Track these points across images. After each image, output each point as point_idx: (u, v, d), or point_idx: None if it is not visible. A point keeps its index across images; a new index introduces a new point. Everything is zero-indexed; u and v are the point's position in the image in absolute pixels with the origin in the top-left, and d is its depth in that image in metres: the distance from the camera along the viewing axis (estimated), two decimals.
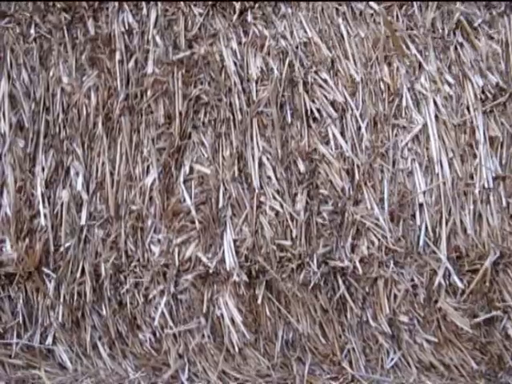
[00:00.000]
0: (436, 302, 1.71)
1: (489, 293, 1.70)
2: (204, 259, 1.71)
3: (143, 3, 1.80)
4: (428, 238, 1.68)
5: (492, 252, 1.68)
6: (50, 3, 1.83)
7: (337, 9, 1.78)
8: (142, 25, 1.80)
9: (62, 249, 1.77)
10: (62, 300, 1.77)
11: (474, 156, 1.71)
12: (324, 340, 1.73)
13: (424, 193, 1.70)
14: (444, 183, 1.70)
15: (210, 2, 1.79)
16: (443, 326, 1.72)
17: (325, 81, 1.74)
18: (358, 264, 1.69)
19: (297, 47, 1.76)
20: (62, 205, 1.78)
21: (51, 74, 1.83)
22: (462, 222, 1.70)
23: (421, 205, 1.70)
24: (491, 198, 1.71)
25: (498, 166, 1.71)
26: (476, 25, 1.76)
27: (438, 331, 1.73)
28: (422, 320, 1.72)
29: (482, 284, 1.69)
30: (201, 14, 1.79)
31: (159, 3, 1.80)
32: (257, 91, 1.74)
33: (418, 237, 1.69)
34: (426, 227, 1.69)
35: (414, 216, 1.71)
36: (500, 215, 1.70)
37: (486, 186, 1.70)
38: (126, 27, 1.79)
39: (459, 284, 1.68)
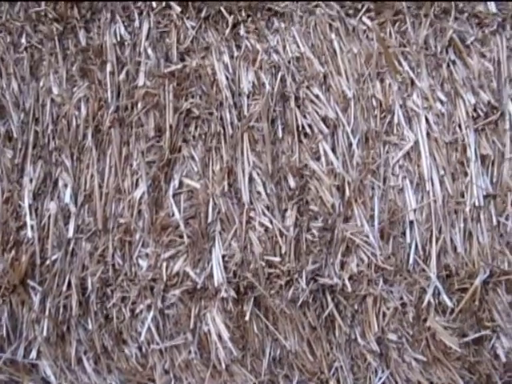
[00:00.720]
0: (425, 320, 1.74)
1: (478, 312, 1.72)
2: (192, 274, 1.73)
3: (136, 15, 1.82)
4: (418, 255, 1.71)
5: (482, 271, 1.71)
6: (42, 13, 1.84)
7: (330, 24, 1.81)
8: (134, 37, 1.83)
9: (48, 261, 1.79)
10: (47, 313, 1.78)
11: (465, 174, 1.75)
12: (312, 357, 1.75)
13: (414, 210, 1.73)
14: (435, 201, 1.73)
15: (203, 15, 1.81)
16: (432, 344, 1.74)
17: (317, 96, 1.76)
18: (347, 281, 1.70)
19: (289, 62, 1.79)
20: (49, 217, 1.79)
21: (41, 84, 1.85)
22: (452, 240, 1.72)
23: (411, 222, 1.73)
24: (482, 217, 1.73)
25: (488, 185, 1.74)
26: (468, 43, 1.80)
27: (426, 350, 1.75)
28: (410, 338, 1.74)
29: (472, 303, 1.71)
30: (193, 27, 1.82)
31: (152, 15, 1.82)
32: (248, 106, 1.78)
33: (407, 255, 1.72)
34: (416, 245, 1.72)
35: (404, 233, 1.74)
36: (490, 234, 1.73)
37: (477, 204, 1.73)
38: (118, 39, 1.82)
39: (448, 303, 1.70)
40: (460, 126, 1.78)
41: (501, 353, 1.77)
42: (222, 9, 1.83)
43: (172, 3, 1.85)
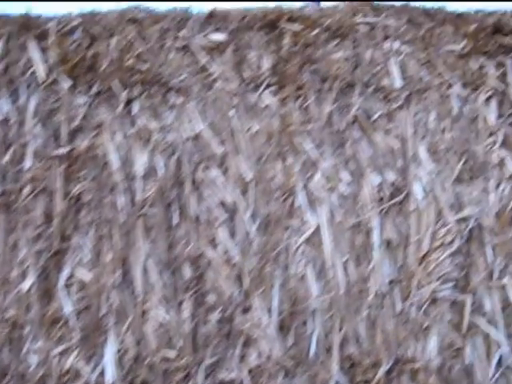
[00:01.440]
0: None
1: None
2: (84, 371, 1.66)
3: (22, 89, 1.73)
4: (319, 346, 1.67)
5: (385, 360, 1.67)
6: None
7: (229, 100, 1.74)
8: (20, 114, 1.73)
9: None
10: None
11: (369, 259, 1.70)
12: None
13: (316, 298, 1.68)
14: (337, 288, 1.68)
15: (95, 91, 1.72)
16: None
17: (214, 179, 1.70)
18: (246, 375, 1.65)
19: (185, 141, 1.72)
20: None
21: None
22: (355, 328, 1.69)
23: (313, 311, 1.69)
24: (386, 303, 1.70)
25: (393, 269, 1.70)
26: (374, 119, 1.76)
27: None
28: None
29: None
30: (85, 104, 1.73)
31: (39, 90, 1.73)
32: (142, 190, 1.70)
33: (308, 345, 1.68)
34: (318, 335, 1.67)
35: (305, 323, 1.69)
36: (395, 320, 1.69)
37: (381, 290, 1.69)
38: (3, 116, 1.72)
39: None
40: (364, 208, 1.76)
41: None
42: (115, 84, 1.77)
43: (61, 77, 1.77)
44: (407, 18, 1.90)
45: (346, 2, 1.88)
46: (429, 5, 1.94)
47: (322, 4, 1.95)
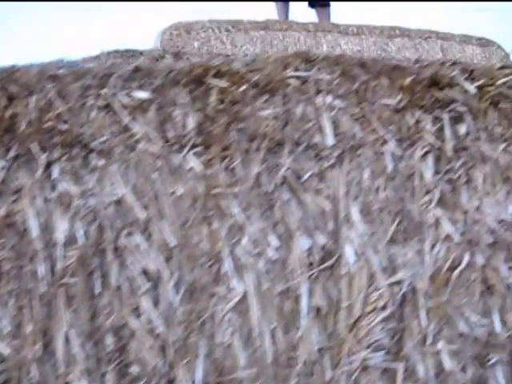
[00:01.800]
0: None
1: None
2: None
3: None
4: None
5: None
6: None
7: (152, 162, 1.68)
8: None
9: None
10: None
11: (298, 326, 1.67)
12: None
13: (244, 368, 1.65)
14: (265, 357, 1.65)
15: (12, 154, 1.67)
16: None
17: (137, 245, 1.66)
18: None
19: (107, 206, 1.68)
20: None
21: None
22: None
23: (240, 382, 1.66)
24: (315, 371, 1.67)
25: (322, 337, 1.67)
26: (304, 179, 1.71)
27: None
28: None
29: None
30: (2, 168, 1.68)
31: None
32: (63, 258, 1.66)
33: None
34: None
35: None
36: None
37: (310, 358, 1.66)
38: None
39: None
40: (293, 274, 1.72)
41: None
42: (34, 146, 1.71)
43: None
44: (341, 70, 1.85)
45: (278, 54, 1.83)
46: None
47: None
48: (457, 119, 1.87)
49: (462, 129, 1.87)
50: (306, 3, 4.58)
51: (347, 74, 1.89)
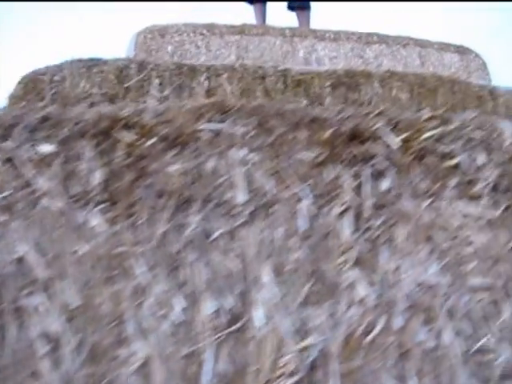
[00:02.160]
0: None
1: None
2: None
3: None
4: None
5: None
6: None
7: (55, 219, 1.64)
8: None
9: None
10: None
11: None
12: None
13: None
14: None
15: None
16: None
17: (37, 306, 1.62)
18: None
19: (8, 265, 1.64)
20: None
21: None
22: None
23: None
24: None
25: None
26: (213, 238, 1.65)
27: None
28: None
29: None
30: None
31: None
32: None
33: None
34: None
35: None
36: None
37: None
38: None
39: None
40: (198, 337, 1.67)
41: None
42: None
43: None
44: (257, 121, 1.79)
45: (191, 104, 1.77)
46: None
47: None
48: (378, 174, 1.83)
49: (384, 185, 1.83)
50: (285, 4, 4.50)
51: (263, 125, 1.84)
